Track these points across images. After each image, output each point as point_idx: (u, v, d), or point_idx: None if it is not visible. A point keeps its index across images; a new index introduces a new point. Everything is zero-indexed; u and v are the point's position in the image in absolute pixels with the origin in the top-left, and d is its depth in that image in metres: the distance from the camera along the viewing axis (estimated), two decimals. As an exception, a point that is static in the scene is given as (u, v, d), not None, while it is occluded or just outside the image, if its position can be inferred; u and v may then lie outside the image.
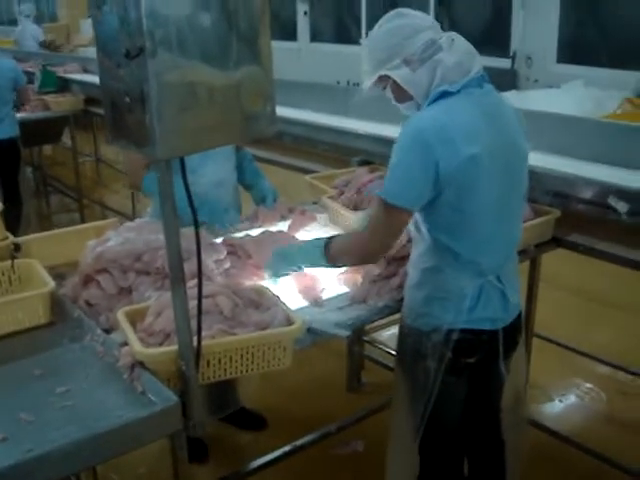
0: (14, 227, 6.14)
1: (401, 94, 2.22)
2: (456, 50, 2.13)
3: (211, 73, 1.56)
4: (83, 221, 6.98)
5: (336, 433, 3.35)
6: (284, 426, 3.72)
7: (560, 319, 4.54)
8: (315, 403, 3.92)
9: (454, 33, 2.18)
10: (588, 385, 4.15)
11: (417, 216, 2.22)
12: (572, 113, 4.08)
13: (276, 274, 2.48)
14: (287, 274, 2.47)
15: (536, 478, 2.84)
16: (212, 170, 3.14)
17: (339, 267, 2.42)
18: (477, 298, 2.21)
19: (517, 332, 2.41)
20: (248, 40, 1.59)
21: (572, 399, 4.06)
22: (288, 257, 2.45)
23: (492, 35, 8.32)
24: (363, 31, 10.20)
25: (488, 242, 2.19)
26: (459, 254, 2.17)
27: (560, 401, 4.03)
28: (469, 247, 2.17)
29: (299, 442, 3.19)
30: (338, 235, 2.43)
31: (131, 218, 6.60)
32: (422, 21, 2.17)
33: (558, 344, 4.09)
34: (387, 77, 2.20)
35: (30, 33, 11.84)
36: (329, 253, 2.30)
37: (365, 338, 4.20)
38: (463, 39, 2.17)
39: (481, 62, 2.16)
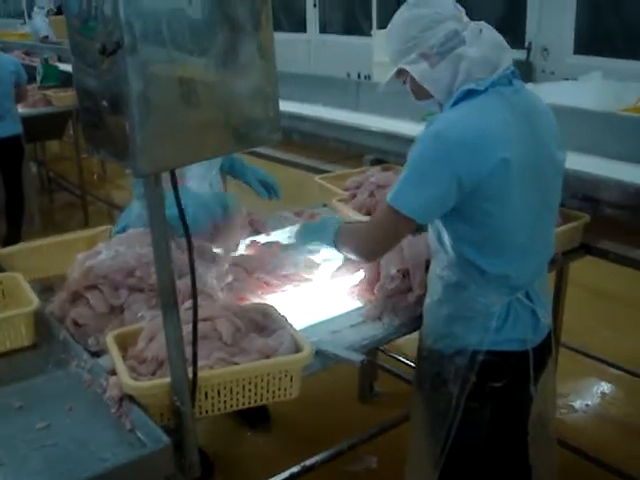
0: (17, 225, 6.03)
1: (420, 91, 2.01)
2: (483, 43, 1.91)
3: (203, 69, 1.35)
4: (87, 219, 6.81)
5: (348, 451, 3.16)
6: (293, 437, 3.58)
7: (580, 321, 4.31)
8: (325, 413, 3.74)
9: (483, 23, 1.96)
10: (615, 396, 3.95)
11: (439, 227, 2.02)
12: (591, 106, 3.89)
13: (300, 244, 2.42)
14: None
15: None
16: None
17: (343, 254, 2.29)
18: (505, 317, 2.02)
19: (547, 352, 2.22)
20: (247, 33, 1.38)
21: (598, 410, 3.84)
22: (306, 232, 2.33)
23: (507, 25, 8.10)
24: (374, 22, 9.97)
25: (518, 258, 1.99)
26: (485, 270, 1.97)
27: (584, 412, 3.81)
28: (497, 263, 1.97)
29: (308, 462, 2.99)
30: (350, 223, 2.31)
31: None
32: (443, 10, 1.94)
33: (585, 354, 3.87)
34: (406, 71, 1.99)
35: (40, 26, 11.63)
36: (337, 238, 2.17)
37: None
38: (492, 30, 1.95)
39: (511, 56, 1.95)
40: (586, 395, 3.95)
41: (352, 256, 2.21)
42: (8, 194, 6.03)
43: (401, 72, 2.01)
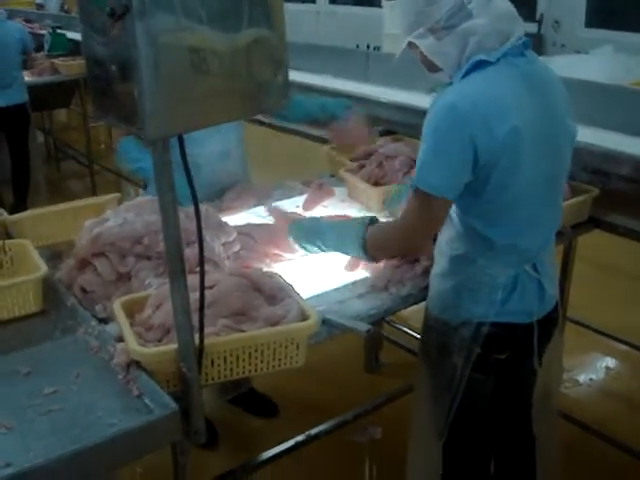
0: (23, 194, 6.04)
1: (430, 64, 1.99)
2: (492, 13, 1.86)
3: (213, 36, 1.33)
4: (94, 188, 6.81)
5: (353, 421, 3.17)
6: (297, 408, 3.58)
7: (587, 295, 4.30)
8: (331, 383, 3.76)
9: None
10: (620, 370, 3.96)
11: None
12: (601, 79, 3.85)
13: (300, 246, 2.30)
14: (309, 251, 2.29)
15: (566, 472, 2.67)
16: (216, 140, 2.88)
17: (374, 261, 2.20)
18: (511, 289, 2.02)
19: (553, 324, 2.22)
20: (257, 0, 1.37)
21: (603, 384, 3.86)
22: (318, 234, 2.24)
23: (518, -3, 8.01)
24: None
25: (526, 229, 1.98)
26: (494, 242, 1.96)
27: (589, 386, 3.82)
28: (505, 234, 1.96)
29: (313, 431, 3.00)
30: (375, 226, 2.16)
31: (143, 185, 6.47)
32: None
33: (590, 328, 3.87)
34: (415, 44, 1.96)
35: None
36: (368, 243, 2.09)
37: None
38: None
39: (523, 27, 1.91)
40: (591, 369, 3.96)
41: (391, 256, 2.19)
42: (14, 162, 6.05)
43: (411, 44, 1.98)
